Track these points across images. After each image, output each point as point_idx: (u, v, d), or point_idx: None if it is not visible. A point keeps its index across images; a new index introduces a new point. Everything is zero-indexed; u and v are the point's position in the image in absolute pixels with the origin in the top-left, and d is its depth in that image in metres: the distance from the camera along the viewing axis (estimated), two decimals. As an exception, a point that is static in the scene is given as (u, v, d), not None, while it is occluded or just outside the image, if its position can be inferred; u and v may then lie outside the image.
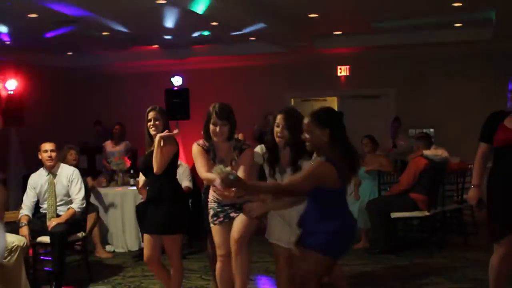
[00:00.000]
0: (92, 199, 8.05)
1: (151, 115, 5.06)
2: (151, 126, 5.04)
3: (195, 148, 4.64)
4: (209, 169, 4.46)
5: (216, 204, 4.68)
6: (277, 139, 4.50)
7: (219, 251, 4.75)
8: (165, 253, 5.09)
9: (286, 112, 4.54)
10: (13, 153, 11.92)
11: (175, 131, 4.97)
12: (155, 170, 4.88)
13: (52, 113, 13.64)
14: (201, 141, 4.69)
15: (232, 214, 4.62)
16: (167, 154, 4.89)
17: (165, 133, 4.87)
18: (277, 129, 4.48)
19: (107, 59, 12.75)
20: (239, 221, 4.58)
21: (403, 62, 12.09)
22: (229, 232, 4.64)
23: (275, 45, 11.21)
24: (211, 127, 4.54)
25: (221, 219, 4.65)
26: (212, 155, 4.62)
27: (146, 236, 5.08)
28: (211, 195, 4.72)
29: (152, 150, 4.94)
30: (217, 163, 4.46)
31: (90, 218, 7.57)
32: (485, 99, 10.32)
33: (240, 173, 4.36)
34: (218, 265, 4.78)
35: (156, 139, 4.86)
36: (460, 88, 11.78)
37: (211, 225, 4.72)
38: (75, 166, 7.41)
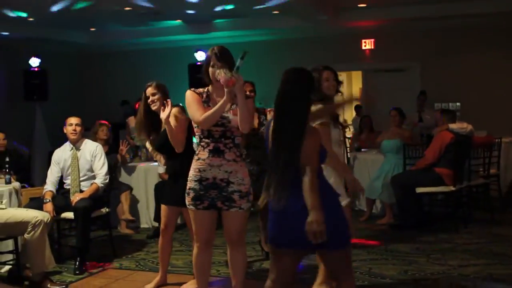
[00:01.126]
0: (124, 178, 8.13)
1: (148, 91, 5.09)
2: (150, 103, 5.07)
3: (188, 94, 4.24)
4: (204, 113, 4.09)
5: (197, 183, 4.24)
6: (329, 92, 4.65)
7: (197, 238, 4.36)
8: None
9: (329, 67, 4.77)
10: (37, 129, 12.03)
11: (168, 101, 4.63)
12: (177, 150, 4.80)
13: (75, 89, 13.73)
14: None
15: (219, 205, 4.20)
16: (181, 129, 4.83)
17: (164, 112, 4.55)
18: (326, 83, 4.63)
19: (130, 34, 12.71)
20: (235, 220, 4.23)
21: (429, 35, 11.91)
22: (212, 221, 4.32)
23: (299, 19, 11.08)
24: (211, 70, 4.17)
25: (206, 205, 4.21)
26: (205, 98, 4.23)
27: (163, 206, 5.19)
28: (192, 170, 4.29)
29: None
30: (211, 106, 4.15)
31: (124, 197, 7.73)
32: (512, 73, 10.16)
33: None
34: (195, 251, 4.41)
35: (164, 122, 4.67)
36: (487, 61, 11.57)
37: (191, 207, 4.27)
38: (106, 142, 7.49)
